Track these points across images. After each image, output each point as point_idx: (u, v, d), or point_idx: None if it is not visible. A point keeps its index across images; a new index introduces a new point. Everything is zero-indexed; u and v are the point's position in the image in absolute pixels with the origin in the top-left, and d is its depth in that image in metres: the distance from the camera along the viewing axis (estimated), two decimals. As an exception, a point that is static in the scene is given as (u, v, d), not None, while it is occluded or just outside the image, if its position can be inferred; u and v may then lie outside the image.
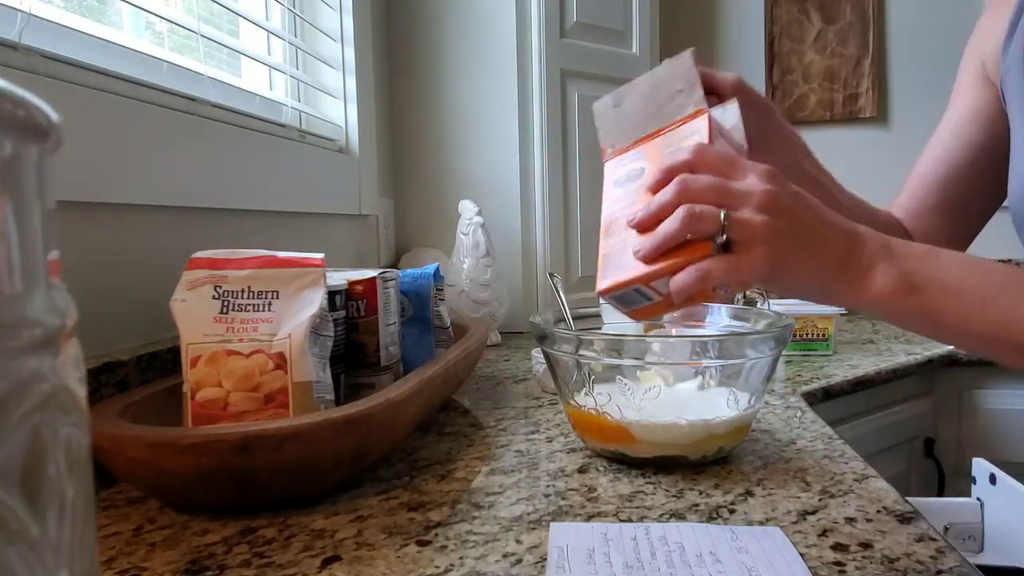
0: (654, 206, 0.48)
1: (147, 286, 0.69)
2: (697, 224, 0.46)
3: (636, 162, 0.54)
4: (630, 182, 0.53)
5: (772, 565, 0.42)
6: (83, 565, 0.20)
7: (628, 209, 0.51)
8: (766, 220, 0.45)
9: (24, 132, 0.18)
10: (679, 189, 0.47)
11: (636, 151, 0.55)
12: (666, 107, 0.54)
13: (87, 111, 0.62)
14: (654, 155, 0.53)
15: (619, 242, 0.50)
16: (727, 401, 0.59)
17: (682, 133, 0.52)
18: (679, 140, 0.52)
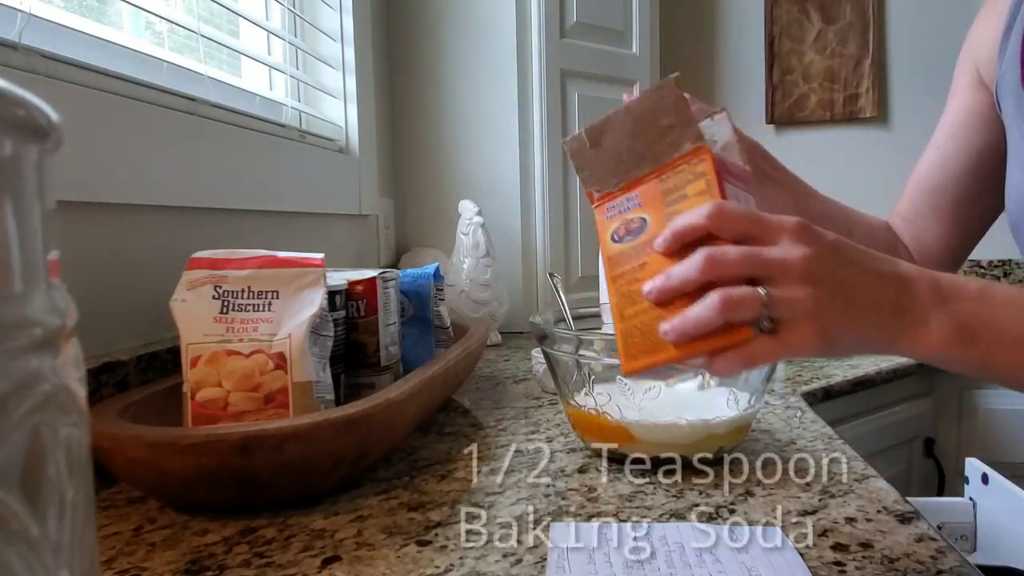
0: (676, 281, 0.43)
1: (147, 286, 0.69)
2: (736, 312, 0.41)
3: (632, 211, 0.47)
4: (631, 237, 0.47)
5: (772, 565, 0.42)
6: (83, 565, 0.20)
7: (639, 274, 0.45)
8: (810, 293, 0.41)
9: (24, 132, 0.18)
10: (705, 266, 0.41)
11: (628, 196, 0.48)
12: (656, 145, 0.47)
13: (87, 111, 0.62)
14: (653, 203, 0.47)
15: (640, 316, 0.45)
16: (727, 401, 0.59)
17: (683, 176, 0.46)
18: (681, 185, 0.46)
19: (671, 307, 0.43)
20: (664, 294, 0.43)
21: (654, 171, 0.47)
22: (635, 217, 0.47)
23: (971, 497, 0.99)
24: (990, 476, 0.95)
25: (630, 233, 0.47)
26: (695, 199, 0.45)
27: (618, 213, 0.48)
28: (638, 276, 0.45)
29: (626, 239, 0.47)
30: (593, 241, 1.20)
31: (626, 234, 0.47)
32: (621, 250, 0.47)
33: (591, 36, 1.42)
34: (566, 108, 1.38)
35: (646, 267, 0.45)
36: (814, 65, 1.86)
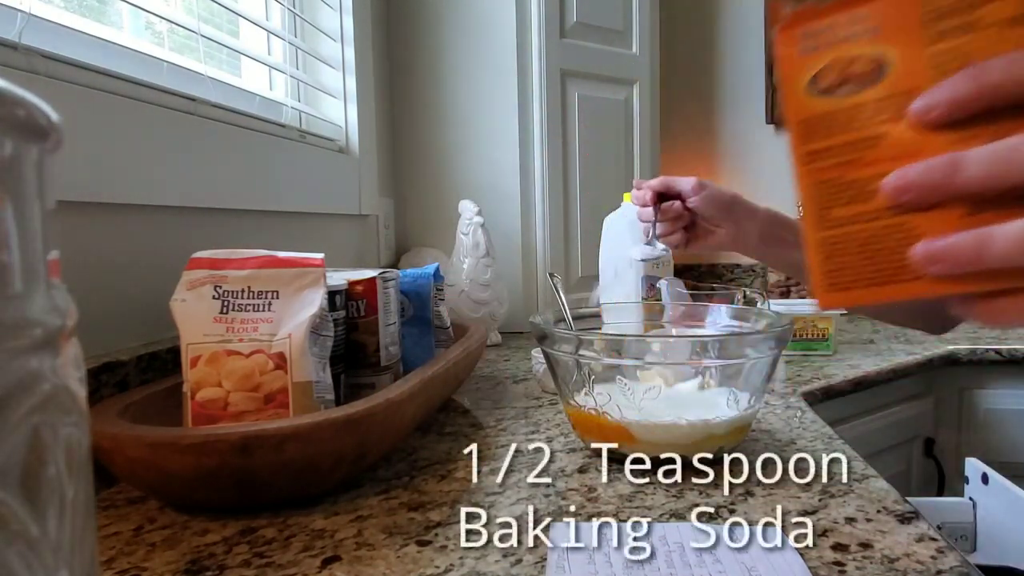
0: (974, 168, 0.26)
1: (147, 286, 0.69)
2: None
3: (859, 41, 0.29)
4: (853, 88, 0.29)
5: (772, 565, 0.42)
6: (83, 565, 0.20)
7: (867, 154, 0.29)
8: None
9: (24, 132, 0.18)
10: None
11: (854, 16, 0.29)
12: None
13: (87, 111, 0.62)
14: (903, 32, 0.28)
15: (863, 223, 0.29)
16: (727, 401, 0.59)
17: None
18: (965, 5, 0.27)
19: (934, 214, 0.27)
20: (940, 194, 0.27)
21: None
22: (863, 53, 0.29)
23: (971, 497, 0.99)
24: (990, 476, 0.95)
25: (851, 81, 0.29)
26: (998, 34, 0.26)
27: (827, 43, 0.30)
28: (865, 157, 0.29)
29: (841, 91, 0.30)
30: (594, 241, 1.20)
31: (842, 82, 0.30)
32: (831, 109, 0.30)
33: (591, 36, 1.42)
34: (566, 108, 1.38)
35: (883, 144, 0.29)
36: (814, 65, 1.86)
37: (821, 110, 0.30)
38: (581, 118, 1.39)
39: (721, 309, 0.74)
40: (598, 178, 1.44)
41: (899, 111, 0.28)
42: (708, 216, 0.80)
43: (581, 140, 1.40)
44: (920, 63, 0.28)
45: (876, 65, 0.29)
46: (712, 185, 0.80)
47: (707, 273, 1.95)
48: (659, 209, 0.81)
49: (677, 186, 0.80)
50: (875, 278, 0.29)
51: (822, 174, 0.31)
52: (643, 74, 1.51)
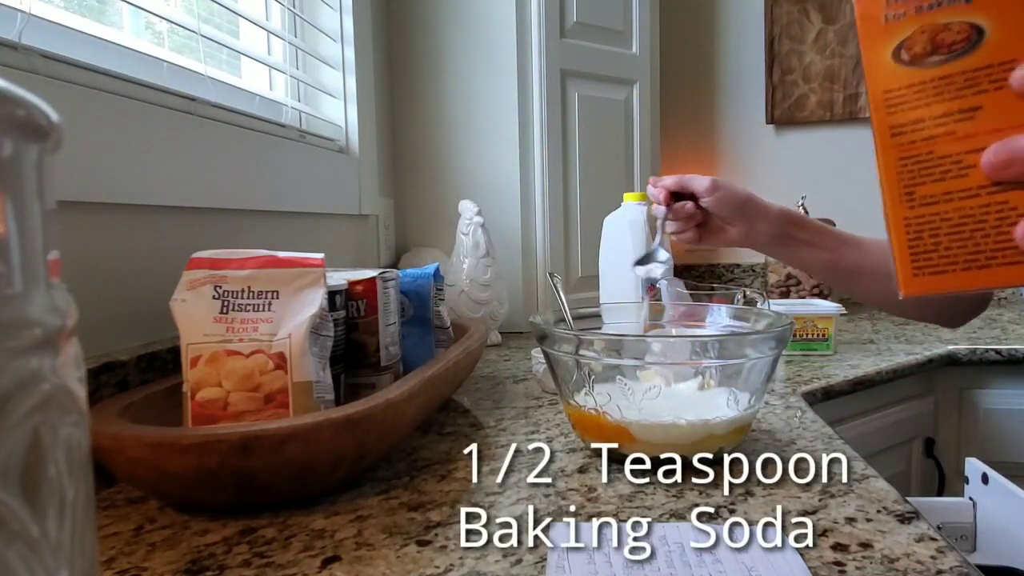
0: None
1: (147, 286, 0.69)
2: None
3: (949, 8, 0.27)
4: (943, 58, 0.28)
5: (772, 565, 0.42)
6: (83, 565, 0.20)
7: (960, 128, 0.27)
8: None
9: (24, 132, 0.18)
10: None
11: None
12: None
13: (87, 111, 0.62)
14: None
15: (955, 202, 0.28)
16: (727, 401, 0.59)
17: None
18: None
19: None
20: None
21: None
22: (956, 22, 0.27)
23: (971, 497, 0.99)
24: (990, 476, 0.95)
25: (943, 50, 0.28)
26: None
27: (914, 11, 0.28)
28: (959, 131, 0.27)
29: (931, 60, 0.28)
30: (594, 241, 1.20)
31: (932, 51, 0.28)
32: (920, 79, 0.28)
33: (591, 36, 1.42)
34: (566, 108, 1.38)
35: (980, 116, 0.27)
36: (814, 65, 1.86)
37: (908, 81, 0.28)
38: (581, 118, 1.40)
39: (721, 309, 0.74)
40: (598, 178, 1.44)
41: (998, 81, 0.26)
42: (721, 216, 0.81)
43: (581, 140, 1.40)
44: (1021, 31, 0.26)
45: (970, 33, 0.27)
46: (727, 185, 0.80)
47: (707, 273, 1.95)
48: (672, 209, 0.81)
49: (692, 185, 0.80)
50: (973, 261, 0.27)
51: (910, 149, 0.29)
52: (643, 74, 1.51)
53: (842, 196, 1.85)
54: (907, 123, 0.28)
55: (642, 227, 1.10)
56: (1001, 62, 0.27)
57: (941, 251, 0.28)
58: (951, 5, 0.27)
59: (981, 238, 0.27)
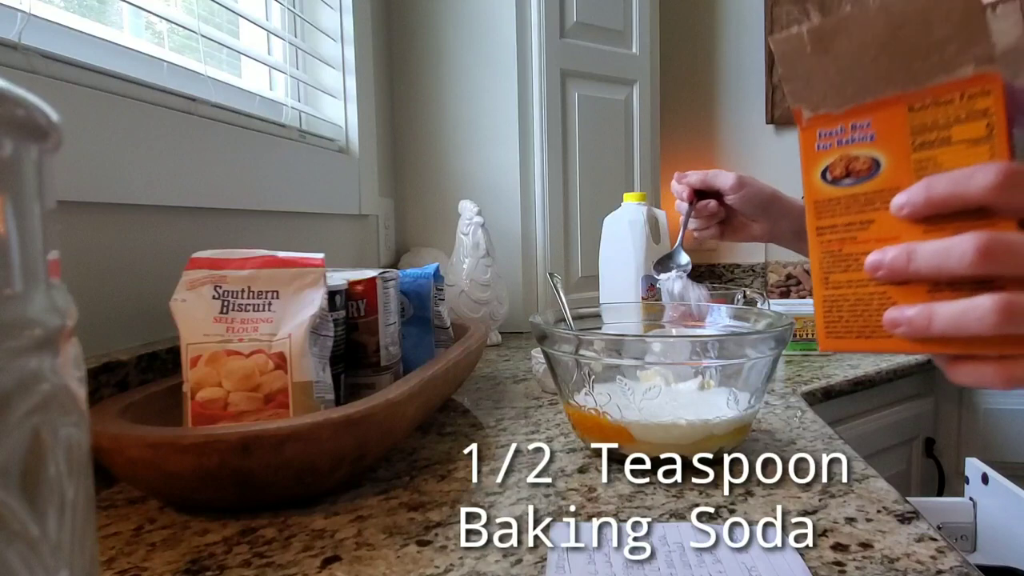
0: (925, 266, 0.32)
1: (147, 286, 0.69)
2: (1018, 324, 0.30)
3: (860, 144, 0.36)
4: (853, 181, 0.36)
5: (772, 565, 0.42)
6: (83, 565, 0.20)
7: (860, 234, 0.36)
8: None
9: (24, 132, 0.18)
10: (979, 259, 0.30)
11: (858, 124, 0.36)
12: (916, 63, 0.33)
13: (87, 111, 0.62)
14: (894, 140, 0.35)
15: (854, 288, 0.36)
16: (727, 401, 0.59)
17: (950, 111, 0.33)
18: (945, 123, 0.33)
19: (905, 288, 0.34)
20: (900, 276, 0.33)
21: (903, 96, 0.34)
22: (863, 155, 0.36)
23: (971, 497, 0.99)
24: (990, 476, 0.95)
25: (852, 175, 0.36)
26: (965, 150, 0.33)
27: (837, 144, 0.37)
28: (857, 238, 0.36)
29: (845, 182, 0.36)
30: (594, 241, 1.20)
31: (845, 175, 0.36)
32: (836, 195, 0.37)
33: (591, 36, 1.42)
34: (566, 108, 1.38)
35: (872, 227, 0.35)
36: (814, 65, 1.86)
37: (829, 195, 0.37)
38: (581, 118, 1.40)
39: (721, 309, 0.74)
40: (598, 178, 1.44)
41: (885, 203, 0.35)
42: (746, 213, 0.80)
43: (581, 140, 1.40)
44: (905, 166, 0.35)
45: (872, 164, 0.36)
46: (752, 183, 0.79)
47: (707, 273, 1.95)
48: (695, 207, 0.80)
49: (716, 182, 0.80)
50: (862, 332, 0.37)
51: (827, 246, 0.38)
52: (643, 74, 1.51)
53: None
54: (827, 226, 0.38)
55: (642, 227, 1.10)
56: (890, 188, 0.35)
57: (843, 323, 0.37)
58: (860, 142, 0.36)
59: (868, 317, 0.36)
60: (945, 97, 0.33)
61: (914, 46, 0.34)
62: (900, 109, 0.35)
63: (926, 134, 0.34)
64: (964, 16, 0.32)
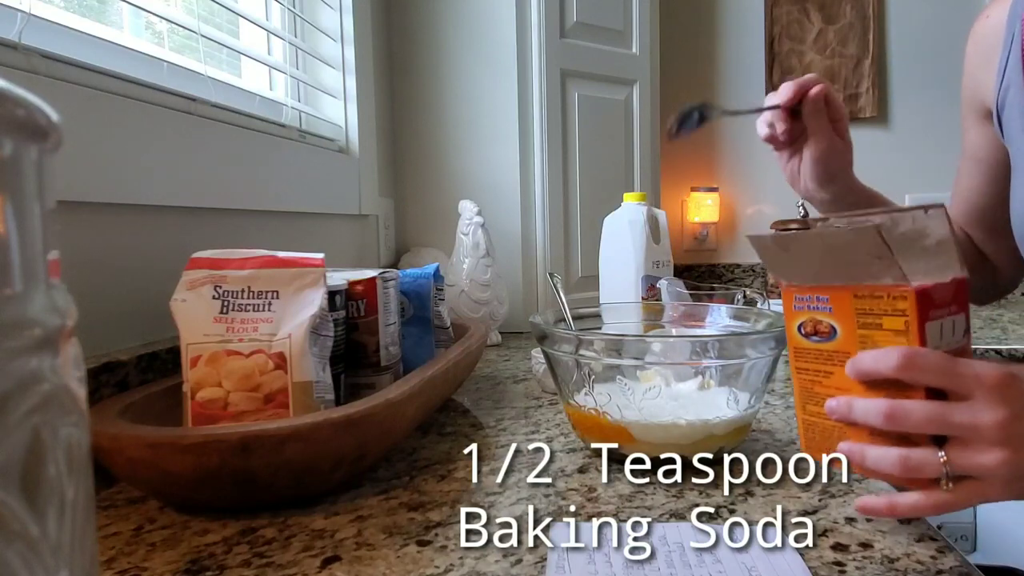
0: (857, 418, 0.43)
1: (147, 286, 0.69)
2: (916, 472, 0.41)
3: (822, 312, 0.46)
4: (819, 339, 0.46)
5: (772, 565, 0.42)
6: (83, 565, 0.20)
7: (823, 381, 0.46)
8: (1001, 458, 0.39)
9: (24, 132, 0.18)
10: (886, 421, 0.41)
11: (820, 297, 0.46)
12: (852, 270, 0.44)
13: (87, 111, 0.62)
14: (845, 315, 0.45)
15: (821, 419, 0.47)
16: (727, 401, 0.59)
17: (881, 304, 0.43)
18: (878, 312, 0.43)
19: (854, 427, 0.44)
20: (845, 422, 0.44)
21: (848, 286, 0.44)
22: (824, 321, 0.46)
23: (971, 497, 0.98)
24: (990, 476, 0.95)
25: (818, 335, 0.46)
26: (890, 335, 0.42)
27: (807, 308, 0.47)
28: (822, 382, 0.46)
29: (813, 338, 0.47)
30: (594, 241, 1.20)
31: (813, 333, 0.47)
32: (807, 347, 0.47)
33: (591, 36, 1.42)
34: (566, 108, 1.38)
35: (832, 378, 0.46)
36: (814, 65, 1.86)
37: (804, 345, 0.48)
38: (581, 118, 1.40)
39: (721, 309, 0.74)
40: (598, 178, 1.44)
41: (840, 362, 0.45)
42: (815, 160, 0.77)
43: (581, 140, 1.40)
44: (852, 338, 0.45)
45: (831, 329, 0.46)
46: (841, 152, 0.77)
47: (707, 273, 1.95)
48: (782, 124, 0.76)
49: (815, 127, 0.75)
50: (828, 451, 0.47)
51: (803, 383, 0.48)
52: (643, 74, 1.51)
53: (842, 196, 1.85)
54: (802, 368, 0.48)
55: (642, 227, 1.10)
56: (842, 352, 0.45)
57: (816, 441, 0.48)
58: (822, 311, 0.46)
59: (831, 442, 0.46)
60: (877, 293, 0.43)
61: (847, 261, 0.44)
62: (847, 294, 0.44)
63: (866, 317, 0.44)
64: (878, 250, 0.41)
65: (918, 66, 1.83)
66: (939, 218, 0.43)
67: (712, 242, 1.94)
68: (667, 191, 1.86)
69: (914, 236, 0.43)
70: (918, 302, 0.41)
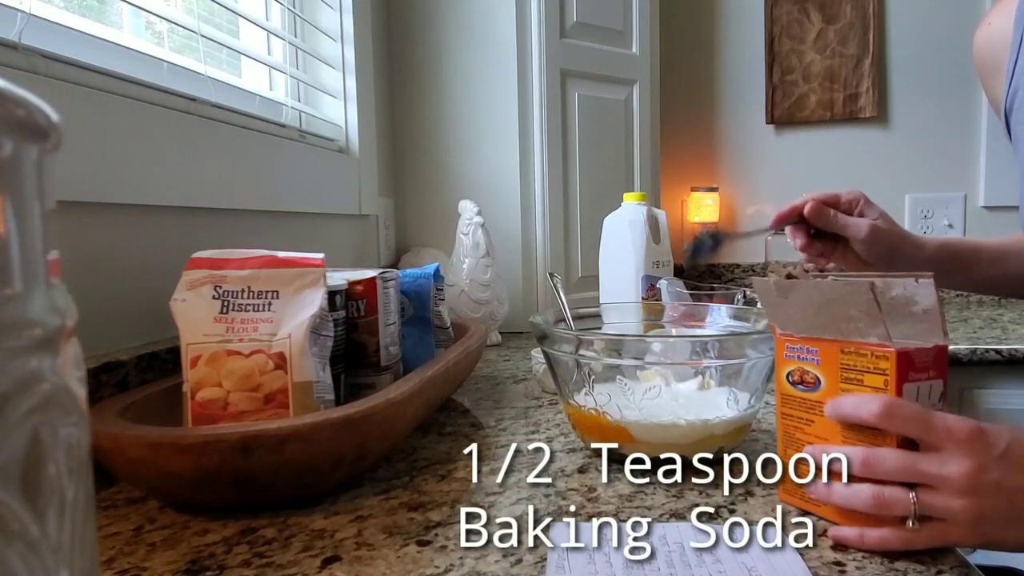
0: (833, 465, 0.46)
1: (147, 286, 0.69)
2: (885, 510, 0.43)
3: (809, 363, 0.49)
4: (804, 388, 0.50)
5: (772, 565, 0.42)
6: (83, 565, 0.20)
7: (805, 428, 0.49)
8: (967, 504, 0.42)
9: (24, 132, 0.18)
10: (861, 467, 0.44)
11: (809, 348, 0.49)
12: (842, 324, 0.47)
13: (87, 111, 0.62)
14: (830, 368, 0.48)
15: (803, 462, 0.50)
16: (727, 401, 0.59)
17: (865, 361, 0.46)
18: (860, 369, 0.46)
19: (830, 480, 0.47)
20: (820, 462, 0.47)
21: (836, 341, 0.47)
22: (811, 371, 0.49)
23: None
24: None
25: (804, 384, 0.50)
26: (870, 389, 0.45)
27: (796, 357, 0.50)
28: (804, 429, 0.49)
29: (799, 387, 0.50)
30: (594, 241, 1.20)
31: (800, 382, 0.50)
32: (793, 394, 0.50)
33: (591, 36, 1.42)
34: (566, 108, 1.38)
35: (813, 425, 0.49)
36: (814, 65, 1.86)
37: (790, 392, 0.51)
38: (581, 118, 1.40)
39: (721, 309, 0.74)
40: (598, 178, 1.44)
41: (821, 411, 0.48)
42: (868, 261, 0.79)
43: (581, 140, 1.40)
44: (834, 390, 0.47)
45: (816, 379, 0.49)
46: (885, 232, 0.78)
47: (707, 273, 1.95)
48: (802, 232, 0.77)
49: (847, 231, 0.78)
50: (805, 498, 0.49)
51: (786, 428, 0.51)
52: (643, 74, 1.51)
53: (842, 196, 1.85)
54: (787, 414, 0.51)
55: (642, 227, 1.10)
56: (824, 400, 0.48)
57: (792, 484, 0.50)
58: (810, 362, 0.49)
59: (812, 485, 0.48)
60: (862, 351, 0.46)
61: (839, 315, 0.47)
62: (835, 348, 0.47)
63: (849, 372, 0.47)
64: (868, 307, 0.45)
65: (918, 66, 1.83)
66: (928, 287, 0.44)
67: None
68: (667, 191, 1.86)
69: (903, 302, 0.45)
70: (899, 363, 0.44)
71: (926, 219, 1.84)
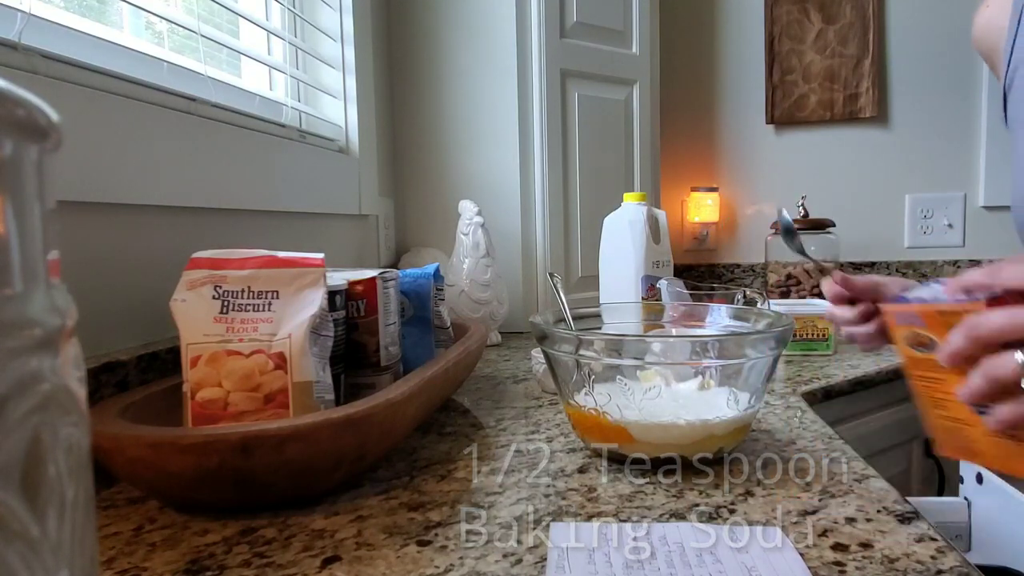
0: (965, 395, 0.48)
1: (147, 286, 0.69)
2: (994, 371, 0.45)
3: (919, 327, 0.53)
4: (925, 350, 0.53)
5: (772, 565, 0.42)
6: (83, 565, 0.20)
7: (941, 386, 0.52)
8: None
9: (24, 132, 0.18)
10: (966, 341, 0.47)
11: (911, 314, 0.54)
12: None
13: (87, 111, 0.62)
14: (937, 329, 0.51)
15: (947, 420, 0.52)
16: (727, 401, 0.59)
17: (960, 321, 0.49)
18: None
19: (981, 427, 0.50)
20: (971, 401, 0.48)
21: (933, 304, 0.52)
22: (924, 334, 0.53)
23: (966, 497, 0.99)
24: (984, 476, 0.95)
25: (923, 346, 0.53)
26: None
27: (907, 324, 0.54)
28: (941, 387, 0.52)
29: (920, 350, 0.53)
30: (594, 241, 1.20)
31: (919, 346, 0.53)
32: (920, 358, 0.53)
33: (591, 36, 1.42)
34: (566, 108, 1.38)
35: (945, 382, 0.52)
36: (814, 65, 1.86)
37: (916, 356, 0.54)
38: (581, 118, 1.40)
39: (721, 309, 0.74)
40: (598, 178, 1.44)
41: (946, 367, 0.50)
42: None
43: (581, 140, 1.40)
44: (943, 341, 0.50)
45: (931, 341, 0.52)
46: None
47: (707, 273, 1.95)
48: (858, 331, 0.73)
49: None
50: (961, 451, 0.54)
51: (926, 389, 0.54)
52: (643, 74, 1.51)
53: (842, 196, 1.85)
54: (922, 376, 0.54)
55: (642, 227, 1.10)
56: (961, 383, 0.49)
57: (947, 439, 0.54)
58: (919, 326, 0.53)
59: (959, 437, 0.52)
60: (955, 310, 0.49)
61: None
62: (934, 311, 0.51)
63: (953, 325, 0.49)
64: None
65: (918, 66, 1.83)
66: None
67: (712, 242, 1.94)
68: (667, 191, 1.86)
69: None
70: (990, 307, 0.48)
71: (926, 219, 1.84)
